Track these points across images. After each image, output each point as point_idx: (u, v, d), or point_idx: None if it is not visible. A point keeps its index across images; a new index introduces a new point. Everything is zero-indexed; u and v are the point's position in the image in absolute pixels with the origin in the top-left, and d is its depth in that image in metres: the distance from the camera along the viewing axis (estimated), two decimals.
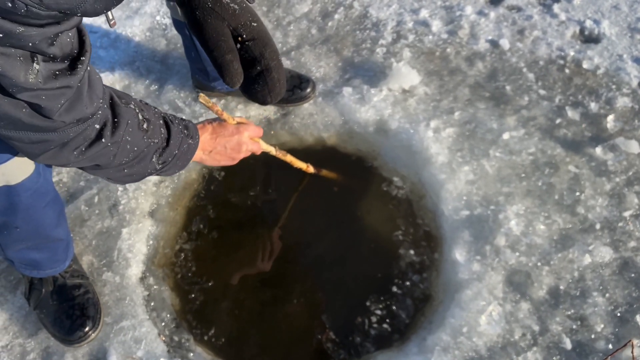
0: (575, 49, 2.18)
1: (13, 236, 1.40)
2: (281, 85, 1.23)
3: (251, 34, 1.12)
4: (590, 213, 1.79)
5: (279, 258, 1.82)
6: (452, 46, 2.19)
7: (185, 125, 1.21)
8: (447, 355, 1.55)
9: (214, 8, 1.08)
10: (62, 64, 0.84)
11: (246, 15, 1.11)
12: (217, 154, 1.36)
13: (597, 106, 2.02)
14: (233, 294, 1.75)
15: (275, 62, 1.19)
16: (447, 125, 1.97)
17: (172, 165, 1.20)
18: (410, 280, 1.75)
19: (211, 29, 1.09)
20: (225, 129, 1.35)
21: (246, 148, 1.39)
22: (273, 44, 1.18)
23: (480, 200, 1.81)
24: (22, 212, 1.31)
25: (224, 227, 1.85)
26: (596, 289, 1.66)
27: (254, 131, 1.42)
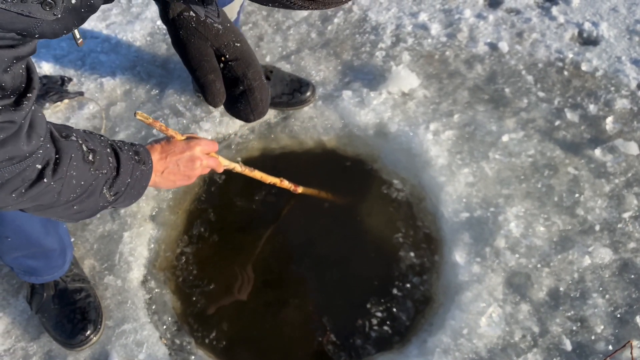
0: (574, 51, 2.18)
1: (6, 245, 1.43)
2: (263, 105, 1.22)
3: (234, 54, 1.10)
4: (590, 214, 1.79)
5: (279, 261, 1.83)
6: (451, 49, 2.21)
7: (135, 150, 1.13)
8: (448, 357, 1.56)
9: (198, 28, 1.07)
10: (8, 99, 0.79)
11: (229, 36, 1.10)
12: (170, 173, 1.24)
13: (596, 108, 2.03)
14: (234, 297, 1.76)
15: (257, 82, 1.17)
16: (447, 128, 1.98)
17: (126, 196, 1.11)
18: (411, 282, 1.76)
19: (194, 49, 1.07)
20: (175, 146, 1.24)
21: (201, 164, 1.27)
22: (256, 64, 1.16)
23: (480, 202, 1.82)
24: (9, 223, 1.34)
25: (224, 230, 1.86)
26: (596, 290, 1.66)
27: (207, 145, 1.29)
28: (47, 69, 2.18)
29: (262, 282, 1.79)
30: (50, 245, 1.49)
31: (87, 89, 2.12)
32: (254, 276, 1.79)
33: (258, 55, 2.19)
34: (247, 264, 1.81)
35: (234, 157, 2.02)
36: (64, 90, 2.07)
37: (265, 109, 1.21)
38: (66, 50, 2.27)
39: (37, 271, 1.56)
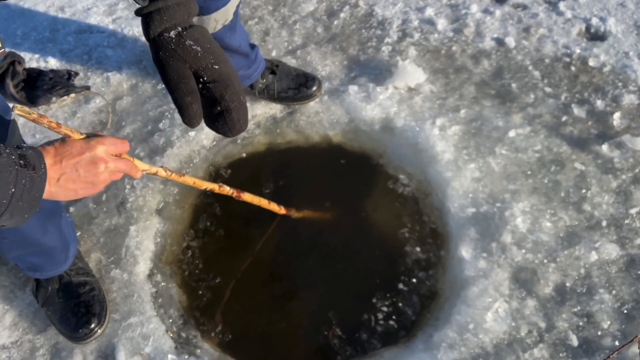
0: (581, 47, 2.17)
1: (6, 245, 1.43)
2: (241, 124, 1.17)
3: (212, 76, 1.07)
4: (597, 210, 1.79)
5: (285, 255, 1.83)
6: (458, 44, 2.20)
7: (20, 154, 0.92)
8: (454, 351, 1.55)
9: (177, 50, 1.04)
10: None
11: (208, 58, 1.07)
12: (68, 181, 1.00)
13: (603, 104, 2.02)
14: (239, 291, 1.76)
15: (235, 103, 1.12)
16: (453, 123, 1.98)
17: (13, 211, 0.91)
18: (417, 277, 1.76)
19: (172, 71, 1.05)
20: (72, 147, 1.01)
21: (106, 167, 1.03)
22: (234, 85, 1.11)
23: (487, 197, 1.81)
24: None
25: (230, 224, 1.87)
26: (602, 286, 1.66)
27: (113, 145, 1.06)
28: (54, 63, 2.19)
29: (267, 276, 1.79)
30: (49, 244, 1.50)
31: (94, 83, 2.13)
32: (260, 270, 1.79)
33: (264, 50, 2.19)
34: (253, 258, 1.81)
35: (239, 152, 2.02)
36: (70, 85, 2.07)
37: (244, 126, 1.19)
38: (72, 44, 2.28)
39: (41, 267, 1.57)
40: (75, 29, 2.34)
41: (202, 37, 1.07)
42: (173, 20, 1.04)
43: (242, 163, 2.00)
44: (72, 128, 1.04)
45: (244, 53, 1.83)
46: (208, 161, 1.97)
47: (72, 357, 1.60)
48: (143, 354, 1.57)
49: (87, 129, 2.01)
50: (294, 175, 1.98)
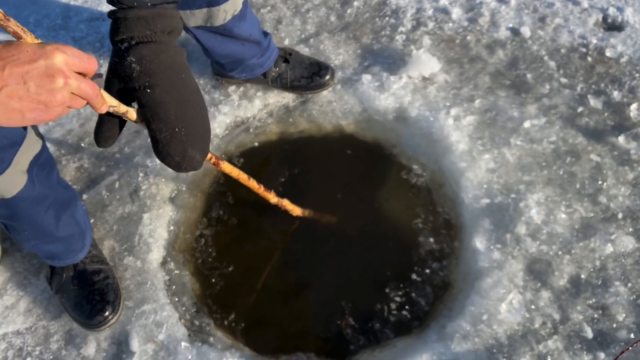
0: (598, 37, 2.15)
1: (24, 236, 1.45)
2: (175, 160, 1.00)
3: (141, 100, 0.96)
4: (613, 202, 1.77)
5: (298, 244, 1.82)
6: (473, 34, 2.17)
7: None
8: (467, 342, 1.55)
9: (117, 64, 0.96)
10: None
11: (143, 80, 0.96)
12: (12, 97, 0.74)
13: (620, 95, 1.99)
14: (252, 280, 1.76)
15: (164, 134, 0.97)
16: (468, 113, 1.96)
17: None
18: (430, 267, 1.75)
19: (106, 82, 0.99)
20: (20, 51, 0.75)
21: (66, 84, 0.78)
22: (165, 115, 0.97)
23: (501, 188, 1.80)
24: (24, 218, 1.36)
25: (243, 213, 1.86)
26: (618, 278, 1.64)
27: (77, 57, 0.80)
28: None
29: (281, 265, 1.78)
30: (65, 233, 1.50)
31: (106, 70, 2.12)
32: (273, 259, 1.79)
33: (277, 39, 2.18)
34: (266, 246, 1.80)
35: (251, 141, 2.01)
36: None
37: (184, 163, 1.00)
38: (85, 32, 2.27)
39: (58, 255, 1.58)
40: (87, 17, 2.34)
41: (149, 56, 0.97)
42: (130, 32, 0.97)
43: (254, 152, 1.99)
44: (26, 29, 0.78)
45: (256, 41, 1.82)
46: (220, 150, 1.97)
47: (86, 344, 1.61)
48: (156, 341, 1.57)
49: None
50: (306, 164, 1.97)
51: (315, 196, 1.89)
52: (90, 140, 1.96)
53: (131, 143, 1.94)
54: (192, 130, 1.01)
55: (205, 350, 1.55)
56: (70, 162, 1.93)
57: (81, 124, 1.99)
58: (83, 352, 1.59)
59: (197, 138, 1.02)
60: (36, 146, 1.28)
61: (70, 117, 2.00)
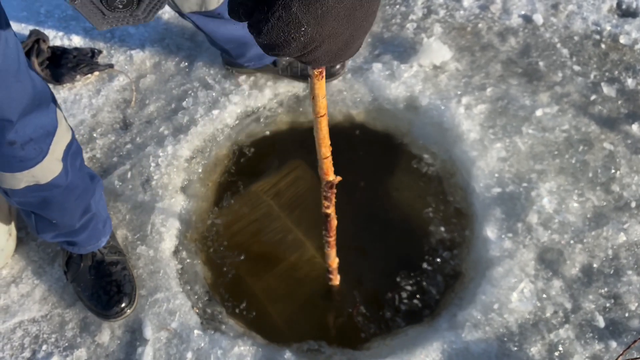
0: (612, 24, 2.12)
1: (52, 227, 1.46)
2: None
3: None
4: (626, 191, 1.76)
5: (308, 235, 1.83)
6: (484, 21, 2.15)
7: None
8: (478, 331, 1.55)
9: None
10: None
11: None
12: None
13: (634, 82, 1.97)
14: (264, 269, 1.77)
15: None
16: (479, 102, 1.95)
17: None
18: (441, 256, 1.75)
19: None
20: None
21: None
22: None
23: (513, 177, 1.79)
24: (55, 206, 1.38)
25: (254, 201, 1.87)
26: (631, 267, 1.64)
27: None
28: (77, 41, 2.19)
29: (291, 255, 1.79)
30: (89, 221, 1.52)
31: (117, 61, 2.13)
32: (283, 248, 1.80)
33: None
34: (277, 235, 1.81)
35: (262, 130, 2.02)
36: (94, 63, 2.08)
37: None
38: None
39: (80, 242, 1.59)
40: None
41: None
42: None
43: (265, 141, 1.99)
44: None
45: None
46: (231, 139, 1.97)
47: (101, 331, 1.63)
48: (169, 329, 1.59)
49: (112, 106, 2.02)
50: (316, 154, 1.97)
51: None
52: (102, 131, 1.97)
53: (143, 133, 1.95)
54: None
55: (218, 337, 1.57)
56: (83, 152, 1.94)
57: (93, 115, 2.01)
58: (97, 340, 1.61)
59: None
60: (67, 136, 1.31)
61: (82, 108, 2.02)
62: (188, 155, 1.90)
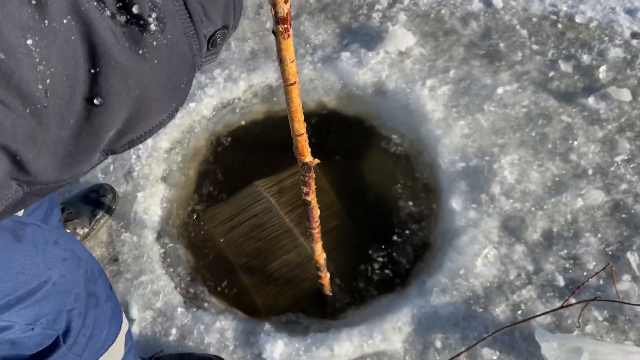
0: (568, 4, 2.22)
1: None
2: None
3: None
4: (583, 159, 1.85)
5: (285, 212, 1.92)
6: (447, 8, 2.25)
7: None
8: (446, 296, 1.64)
9: None
10: None
11: None
12: None
13: (589, 58, 2.07)
14: (243, 250, 1.86)
15: None
16: (443, 84, 2.04)
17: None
18: (410, 229, 1.84)
19: None
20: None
21: None
22: None
23: (476, 152, 1.89)
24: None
25: (232, 188, 1.96)
26: (588, 230, 1.73)
27: None
28: None
29: (269, 234, 1.88)
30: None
31: None
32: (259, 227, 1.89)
33: (258, 23, 2.26)
34: (254, 217, 1.90)
35: (238, 120, 2.11)
36: None
37: None
38: None
39: None
40: None
41: None
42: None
43: (241, 131, 2.09)
44: None
45: None
46: (209, 130, 2.07)
47: None
48: (154, 309, 1.67)
49: None
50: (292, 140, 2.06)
51: (293, 167, 1.97)
52: None
53: None
54: None
55: (200, 314, 1.66)
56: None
57: None
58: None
59: None
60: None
61: None
62: (167, 146, 1.99)
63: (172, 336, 1.62)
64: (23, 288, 0.84)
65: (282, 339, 1.58)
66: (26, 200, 0.58)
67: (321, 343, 1.56)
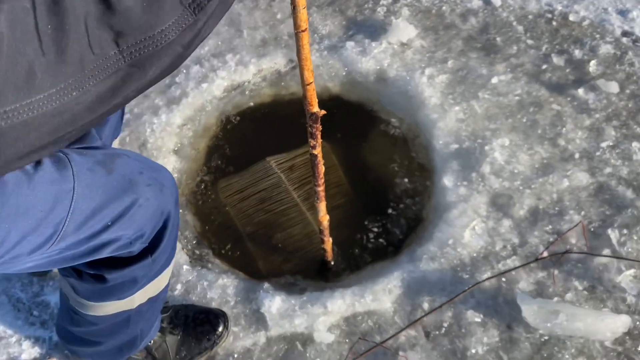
0: (563, 4, 2.35)
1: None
2: None
3: None
4: (570, 144, 1.96)
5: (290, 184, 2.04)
6: (448, 4, 2.39)
7: None
8: (434, 263, 1.74)
9: None
10: None
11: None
12: None
13: (581, 53, 2.19)
14: (251, 220, 1.98)
15: None
16: (441, 73, 2.17)
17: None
18: (404, 203, 1.95)
19: None
20: None
21: None
22: None
23: (469, 135, 2.00)
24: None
25: (239, 162, 2.09)
26: (573, 208, 1.83)
27: None
28: None
29: (273, 203, 2.01)
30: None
31: None
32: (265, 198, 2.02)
33: (269, 14, 2.41)
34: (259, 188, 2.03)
35: (247, 102, 2.24)
36: None
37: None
38: None
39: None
40: None
41: None
42: None
43: (250, 112, 2.22)
44: None
45: None
46: (219, 110, 2.20)
47: None
48: None
49: None
50: (297, 122, 2.18)
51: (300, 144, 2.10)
52: None
53: (140, 105, 2.18)
54: None
55: (204, 273, 1.77)
56: None
57: None
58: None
59: None
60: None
61: None
62: (180, 122, 2.13)
63: (177, 291, 1.73)
64: (116, 211, 1.02)
65: (280, 295, 1.69)
66: (128, 80, 0.70)
67: (316, 300, 1.67)
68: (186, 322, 1.59)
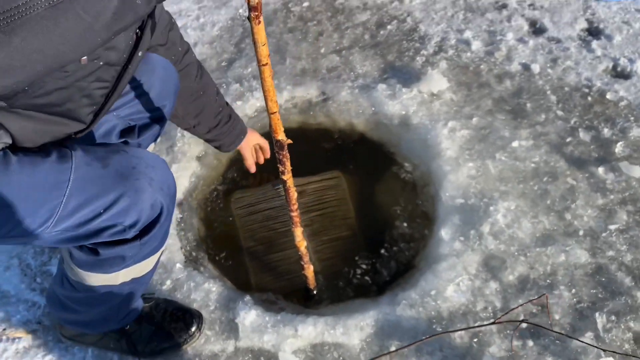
0: (603, 82, 2.33)
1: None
2: None
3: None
4: (577, 220, 1.94)
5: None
6: (487, 64, 2.43)
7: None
8: (412, 310, 1.76)
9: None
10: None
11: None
12: None
13: (610, 132, 2.16)
14: (253, 235, 2.08)
15: None
16: (464, 128, 2.21)
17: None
18: (399, 247, 1.99)
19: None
20: None
21: None
22: None
23: (477, 192, 2.02)
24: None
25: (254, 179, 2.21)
26: (564, 284, 1.80)
27: None
28: None
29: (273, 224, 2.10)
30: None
31: None
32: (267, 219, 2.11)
33: (314, 47, 2.55)
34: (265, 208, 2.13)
35: None
36: None
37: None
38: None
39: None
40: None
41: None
42: None
43: None
44: None
45: None
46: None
47: None
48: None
49: None
50: (318, 151, 2.29)
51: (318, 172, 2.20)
52: None
53: None
54: None
55: (195, 274, 1.88)
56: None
57: None
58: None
59: None
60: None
61: None
62: None
63: (166, 286, 1.85)
64: (107, 201, 1.17)
65: (257, 310, 1.76)
66: None
67: (289, 322, 1.73)
68: (164, 316, 1.70)
